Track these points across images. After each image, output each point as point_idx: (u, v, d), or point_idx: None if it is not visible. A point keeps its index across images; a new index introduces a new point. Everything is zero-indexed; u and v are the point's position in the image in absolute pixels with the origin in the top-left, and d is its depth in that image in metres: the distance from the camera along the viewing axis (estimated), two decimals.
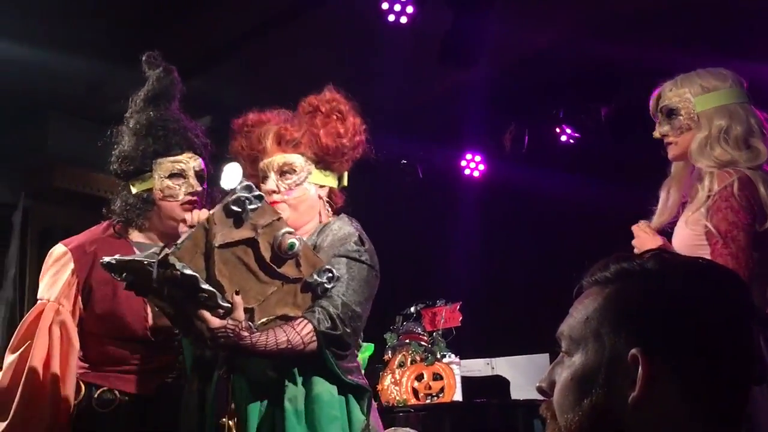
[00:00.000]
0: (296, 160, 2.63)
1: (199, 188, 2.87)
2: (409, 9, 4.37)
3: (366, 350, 3.48)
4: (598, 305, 1.17)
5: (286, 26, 4.74)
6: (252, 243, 2.34)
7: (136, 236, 2.92)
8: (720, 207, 2.57)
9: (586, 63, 5.22)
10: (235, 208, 2.29)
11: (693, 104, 2.76)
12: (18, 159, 5.59)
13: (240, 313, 2.31)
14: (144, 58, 2.98)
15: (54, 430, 2.72)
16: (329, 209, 2.75)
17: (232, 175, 2.55)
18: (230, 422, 2.49)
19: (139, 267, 2.29)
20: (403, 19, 4.39)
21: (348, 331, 2.43)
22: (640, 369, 1.09)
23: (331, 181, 2.74)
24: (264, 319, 2.38)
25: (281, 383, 2.47)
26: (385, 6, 4.38)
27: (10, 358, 2.76)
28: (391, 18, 4.40)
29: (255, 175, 2.72)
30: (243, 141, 2.74)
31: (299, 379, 2.47)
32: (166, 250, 2.24)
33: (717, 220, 2.56)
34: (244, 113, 2.77)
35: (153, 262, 2.23)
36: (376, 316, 2.91)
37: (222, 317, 2.28)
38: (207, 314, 2.27)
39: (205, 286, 2.23)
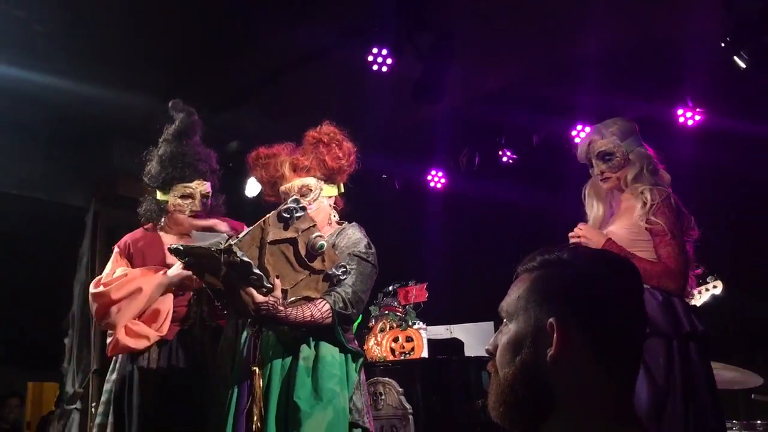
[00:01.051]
0: (311, 181, 2.69)
1: (200, 208, 3.03)
2: (389, 60, 4.36)
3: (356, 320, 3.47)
4: (527, 287, 1.19)
5: (296, 72, 4.73)
6: (293, 241, 2.42)
7: (162, 233, 3.08)
8: (665, 211, 2.69)
9: (523, 100, 5.22)
10: (285, 215, 2.38)
11: (623, 147, 2.83)
12: (90, 172, 5.55)
13: (278, 293, 2.38)
14: (170, 104, 3.13)
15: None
16: (335, 212, 2.81)
17: (252, 186, 2.65)
18: (257, 369, 2.52)
19: (205, 252, 2.36)
20: (384, 68, 4.39)
21: (354, 311, 2.50)
22: (555, 333, 1.11)
23: (335, 191, 2.79)
24: (293, 298, 2.45)
25: (298, 345, 2.51)
26: (370, 58, 4.38)
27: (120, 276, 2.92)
28: (375, 67, 4.39)
29: (274, 195, 2.77)
30: (261, 171, 2.78)
31: (312, 344, 2.51)
32: (231, 241, 2.30)
33: (665, 219, 2.66)
34: (255, 148, 2.80)
35: (220, 249, 2.29)
36: None
37: (265, 294, 2.34)
38: (254, 291, 2.33)
39: (256, 271, 2.31)
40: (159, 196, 3.05)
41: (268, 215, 2.39)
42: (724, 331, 5.06)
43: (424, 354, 4.45)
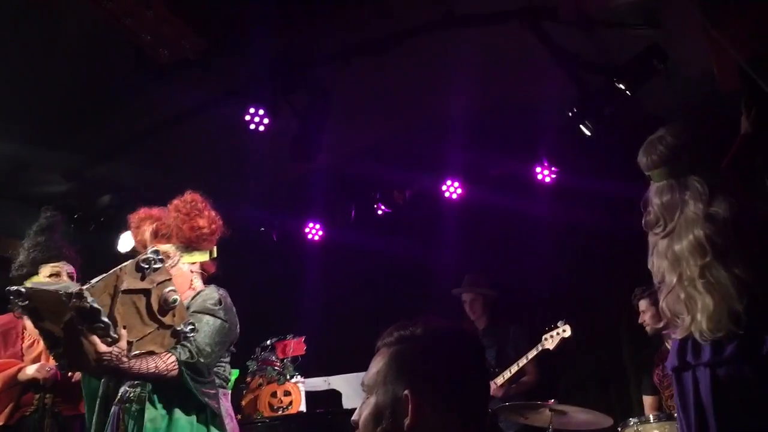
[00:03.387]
0: (169, 249, 2.69)
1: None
2: (266, 120, 4.43)
3: (233, 375, 3.44)
4: (385, 362, 1.29)
5: (173, 128, 4.69)
6: (147, 293, 2.38)
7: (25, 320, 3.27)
8: None
9: (396, 156, 5.41)
10: (143, 265, 2.35)
11: None
12: None
13: (123, 344, 2.32)
14: (42, 209, 3.52)
15: None
16: (200, 278, 2.81)
17: (125, 241, 2.65)
18: None
19: (51, 296, 2.28)
20: (261, 128, 4.45)
21: (201, 361, 2.49)
22: (410, 404, 1.22)
23: (199, 257, 2.80)
24: (137, 352, 2.39)
25: (146, 410, 2.48)
26: (247, 117, 4.43)
27: None
28: (252, 126, 4.44)
29: None
30: (135, 233, 2.79)
31: (159, 405, 2.49)
32: (82, 287, 2.23)
33: None
34: (130, 203, 2.83)
35: (69, 292, 2.21)
36: (240, 349, 2.94)
37: (109, 345, 2.28)
38: (97, 340, 2.27)
39: (104, 319, 2.24)
40: (28, 283, 3.18)
41: (125, 263, 2.36)
42: (578, 375, 5.38)
43: (302, 407, 4.46)
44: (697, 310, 2.25)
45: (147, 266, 2.34)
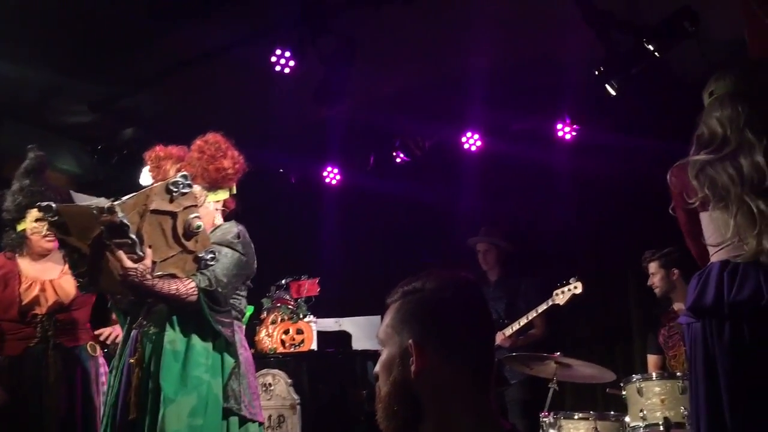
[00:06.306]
0: (195, 190, 2.71)
1: None
2: (292, 62, 4.42)
3: (248, 311, 3.53)
4: (392, 315, 1.37)
5: (198, 66, 4.69)
6: (174, 216, 2.44)
7: (20, 260, 3.41)
8: None
9: (416, 106, 5.39)
10: (172, 188, 2.40)
11: None
12: None
13: (148, 262, 2.40)
14: (28, 149, 3.47)
15: None
16: (221, 214, 2.89)
17: (147, 177, 2.71)
18: (133, 361, 2.59)
19: (82, 211, 2.34)
20: (287, 70, 4.44)
21: (219, 290, 2.56)
22: (414, 352, 1.30)
23: (222, 195, 2.87)
24: (160, 273, 2.46)
25: (164, 332, 2.57)
26: (273, 59, 4.42)
27: None
28: (278, 68, 4.44)
29: None
30: (155, 171, 2.82)
31: (177, 329, 2.57)
32: (114, 202, 2.28)
33: None
34: (152, 139, 2.84)
35: (101, 207, 2.27)
36: (256, 286, 3.02)
37: (134, 262, 2.35)
38: (124, 256, 2.35)
39: (132, 235, 2.30)
40: (18, 227, 3.35)
41: (156, 184, 2.41)
42: (584, 330, 5.45)
43: (314, 346, 4.56)
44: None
45: (176, 189, 2.39)
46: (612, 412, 3.82)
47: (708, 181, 2.27)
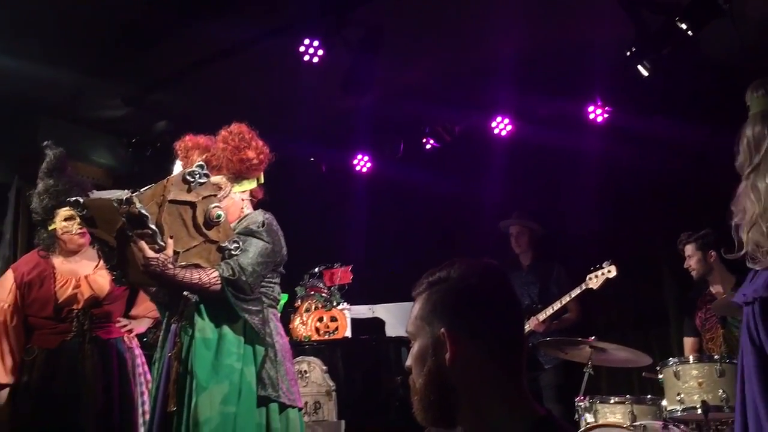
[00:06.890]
0: (220, 180, 2.73)
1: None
2: (320, 52, 4.43)
3: (282, 298, 3.57)
4: (420, 307, 1.37)
5: (227, 59, 4.73)
6: (193, 205, 2.45)
7: (54, 259, 3.42)
8: None
9: (445, 92, 5.36)
10: (189, 177, 2.40)
11: None
12: (14, 149, 5.40)
13: (170, 251, 2.42)
14: (45, 146, 3.45)
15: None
16: (249, 204, 2.88)
17: (179, 168, 2.72)
18: (172, 355, 2.62)
19: (105, 204, 2.37)
20: (315, 59, 4.46)
21: (243, 279, 2.55)
22: (447, 341, 1.30)
23: (248, 185, 2.86)
24: (183, 263, 2.47)
25: (195, 321, 2.59)
26: (302, 49, 4.44)
27: None
28: (306, 58, 4.46)
29: None
30: (184, 161, 2.83)
31: (206, 317, 2.59)
32: (132, 193, 2.31)
33: None
34: (183, 131, 2.85)
35: (120, 199, 2.30)
36: (288, 274, 3.03)
37: (156, 252, 2.38)
38: (145, 246, 2.37)
39: (152, 225, 2.32)
40: (49, 227, 3.37)
41: (173, 174, 2.43)
42: (619, 314, 5.40)
43: (348, 333, 4.59)
44: None
45: (192, 179, 2.40)
46: (649, 396, 3.79)
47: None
